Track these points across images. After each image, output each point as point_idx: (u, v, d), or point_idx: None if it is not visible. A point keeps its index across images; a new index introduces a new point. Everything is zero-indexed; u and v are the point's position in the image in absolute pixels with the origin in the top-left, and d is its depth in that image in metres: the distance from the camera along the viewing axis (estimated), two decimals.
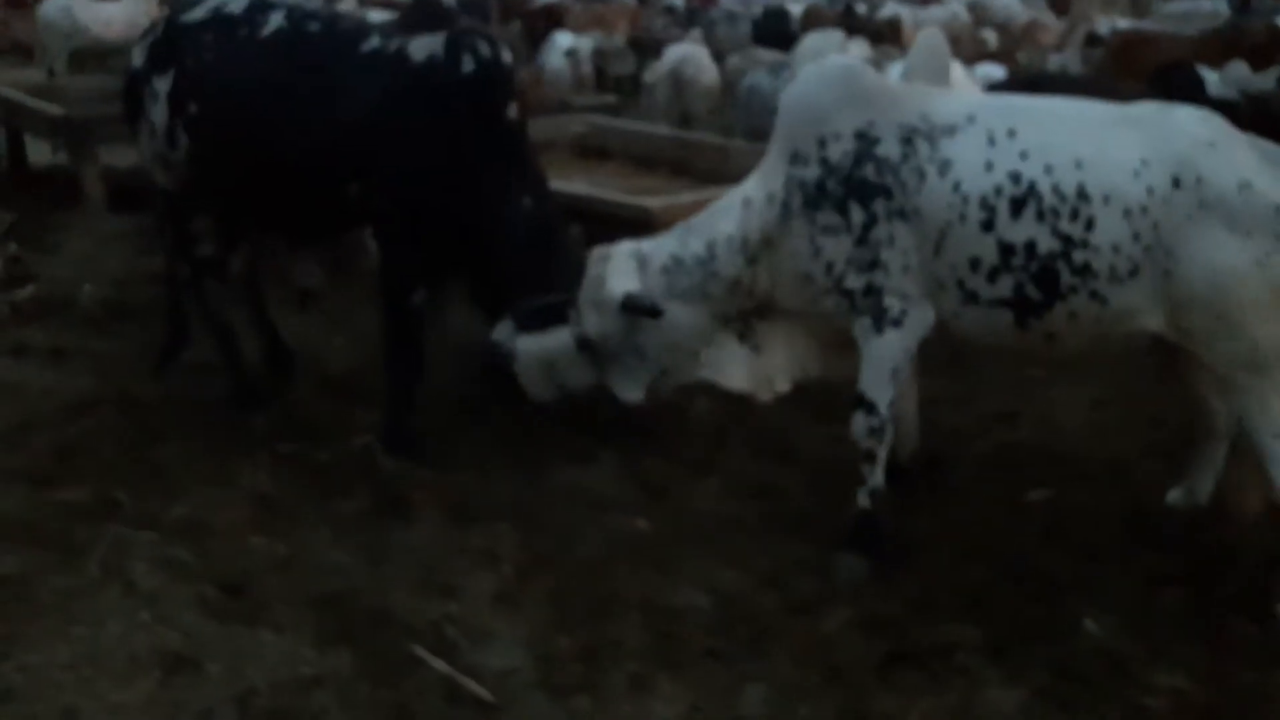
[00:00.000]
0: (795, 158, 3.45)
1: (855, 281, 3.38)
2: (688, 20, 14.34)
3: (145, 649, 2.91)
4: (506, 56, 4.01)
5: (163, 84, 4.09)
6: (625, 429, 4.11)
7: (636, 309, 3.56)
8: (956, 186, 3.28)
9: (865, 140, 3.37)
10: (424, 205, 3.86)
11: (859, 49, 6.42)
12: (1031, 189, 3.23)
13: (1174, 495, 3.77)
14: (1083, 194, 3.21)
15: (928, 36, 7.42)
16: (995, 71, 7.87)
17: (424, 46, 3.87)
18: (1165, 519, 3.73)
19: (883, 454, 3.46)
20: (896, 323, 3.39)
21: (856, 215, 3.35)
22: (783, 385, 3.80)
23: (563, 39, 11.05)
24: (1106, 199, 3.20)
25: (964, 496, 3.93)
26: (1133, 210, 3.18)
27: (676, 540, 3.60)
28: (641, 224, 4.07)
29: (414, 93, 3.84)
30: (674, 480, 3.97)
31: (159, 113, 4.10)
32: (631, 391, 3.72)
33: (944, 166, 3.30)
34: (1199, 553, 3.56)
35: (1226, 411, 3.57)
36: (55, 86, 8.53)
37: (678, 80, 8.27)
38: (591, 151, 5.76)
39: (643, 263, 3.61)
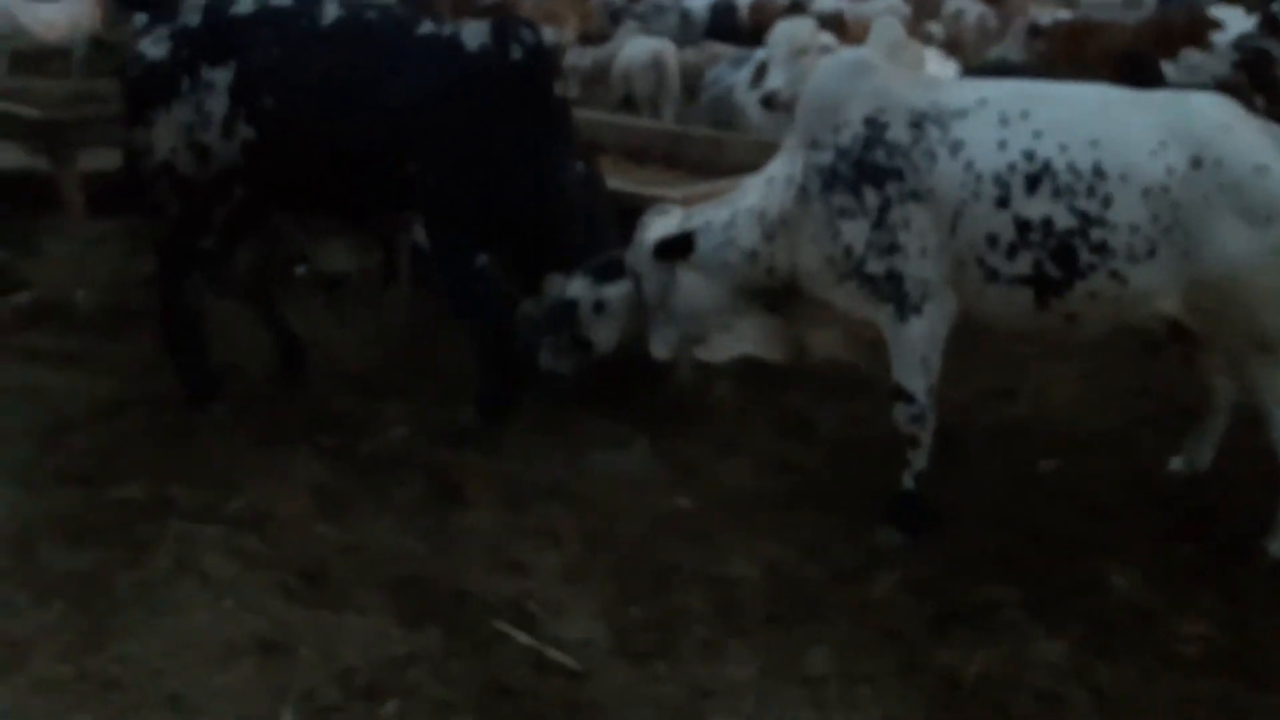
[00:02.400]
0: (813, 144, 3.61)
1: (876, 266, 3.51)
2: (614, 15, 14.39)
3: (237, 635, 2.99)
4: (548, 40, 4.34)
5: (220, 76, 4.14)
6: (654, 412, 4.29)
7: (668, 248, 3.81)
8: (969, 165, 3.41)
9: (874, 126, 3.51)
10: (481, 177, 4.10)
11: (827, 38, 6.63)
12: (1046, 166, 3.35)
13: (1176, 463, 4.02)
14: (1099, 171, 3.31)
15: (884, 25, 7.70)
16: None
17: (475, 34, 4.18)
18: (1167, 482, 4.00)
19: (926, 439, 3.64)
20: (918, 309, 3.51)
21: (871, 198, 3.48)
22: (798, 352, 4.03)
23: None
24: (1124, 177, 3.30)
25: (979, 468, 4.15)
26: (1152, 189, 3.29)
27: (717, 516, 3.77)
28: None
29: (470, 77, 4.12)
30: (704, 460, 4.13)
31: (215, 104, 4.15)
32: (661, 349, 3.97)
33: (955, 147, 3.42)
34: (1201, 511, 3.83)
35: (1228, 388, 3.83)
36: (16, 89, 8.38)
37: (660, 69, 8.50)
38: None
39: (683, 221, 3.85)
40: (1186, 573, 3.49)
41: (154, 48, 4.31)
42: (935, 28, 11.68)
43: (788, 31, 6.52)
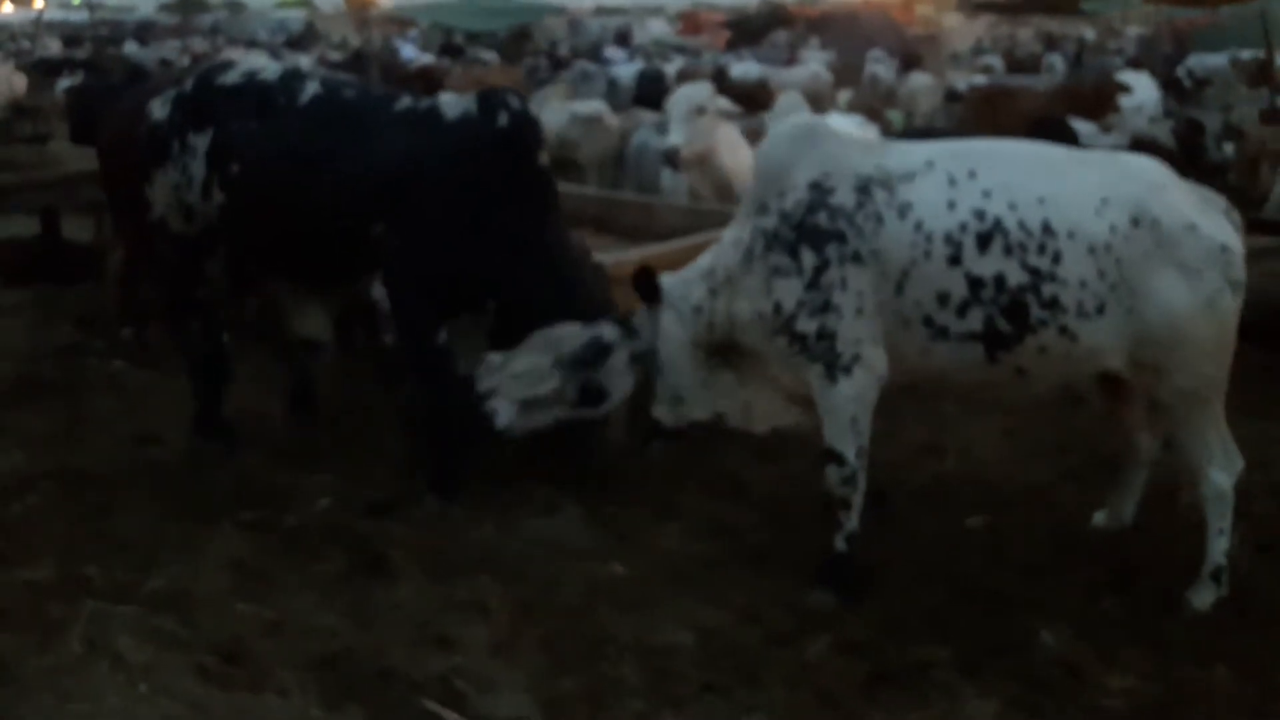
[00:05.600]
0: (760, 209, 3.66)
1: (807, 324, 3.52)
2: (540, 83, 14.51)
3: None
4: (534, 110, 4.38)
5: (199, 141, 4.31)
6: (587, 477, 4.25)
7: (642, 282, 3.79)
8: (919, 226, 3.46)
9: (819, 190, 3.55)
10: (454, 247, 4.08)
11: (725, 103, 6.77)
12: (997, 224, 3.41)
13: (1100, 517, 4.08)
14: (1048, 228, 3.39)
15: (788, 98, 7.99)
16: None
17: (453, 105, 4.22)
18: (1092, 537, 4.05)
19: (857, 500, 3.64)
20: (847, 370, 3.53)
21: (808, 259, 3.50)
22: (762, 425, 3.99)
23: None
24: (1071, 234, 3.39)
25: (909, 525, 4.17)
26: (1097, 247, 3.38)
27: (652, 582, 3.73)
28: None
29: (447, 145, 4.12)
30: (638, 524, 4.10)
31: (195, 167, 4.32)
32: (664, 412, 3.90)
33: (904, 209, 3.48)
34: (1126, 565, 3.88)
35: (1151, 444, 3.91)
36: None
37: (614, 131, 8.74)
38: None
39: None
40: (1114, 626, 3.53)
41: (158, 110, 4.47)
42: (843, 96, 12.00)
43: (686, 93, 6.67)
